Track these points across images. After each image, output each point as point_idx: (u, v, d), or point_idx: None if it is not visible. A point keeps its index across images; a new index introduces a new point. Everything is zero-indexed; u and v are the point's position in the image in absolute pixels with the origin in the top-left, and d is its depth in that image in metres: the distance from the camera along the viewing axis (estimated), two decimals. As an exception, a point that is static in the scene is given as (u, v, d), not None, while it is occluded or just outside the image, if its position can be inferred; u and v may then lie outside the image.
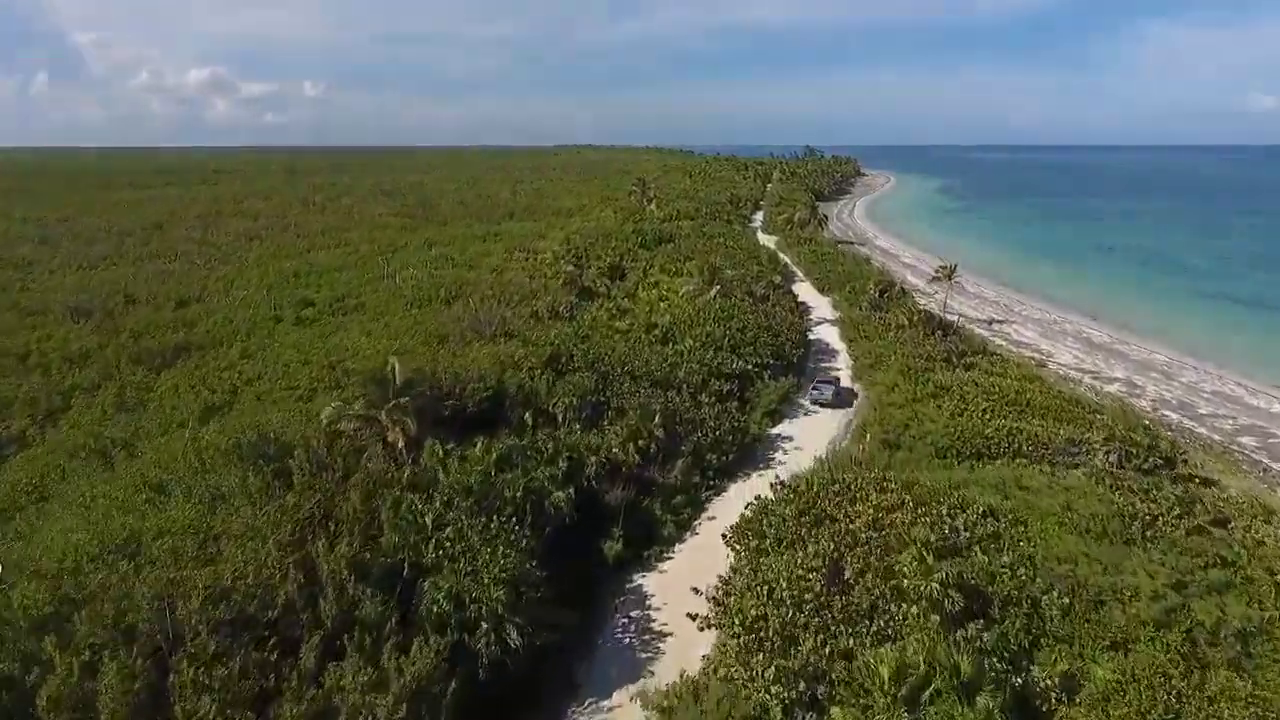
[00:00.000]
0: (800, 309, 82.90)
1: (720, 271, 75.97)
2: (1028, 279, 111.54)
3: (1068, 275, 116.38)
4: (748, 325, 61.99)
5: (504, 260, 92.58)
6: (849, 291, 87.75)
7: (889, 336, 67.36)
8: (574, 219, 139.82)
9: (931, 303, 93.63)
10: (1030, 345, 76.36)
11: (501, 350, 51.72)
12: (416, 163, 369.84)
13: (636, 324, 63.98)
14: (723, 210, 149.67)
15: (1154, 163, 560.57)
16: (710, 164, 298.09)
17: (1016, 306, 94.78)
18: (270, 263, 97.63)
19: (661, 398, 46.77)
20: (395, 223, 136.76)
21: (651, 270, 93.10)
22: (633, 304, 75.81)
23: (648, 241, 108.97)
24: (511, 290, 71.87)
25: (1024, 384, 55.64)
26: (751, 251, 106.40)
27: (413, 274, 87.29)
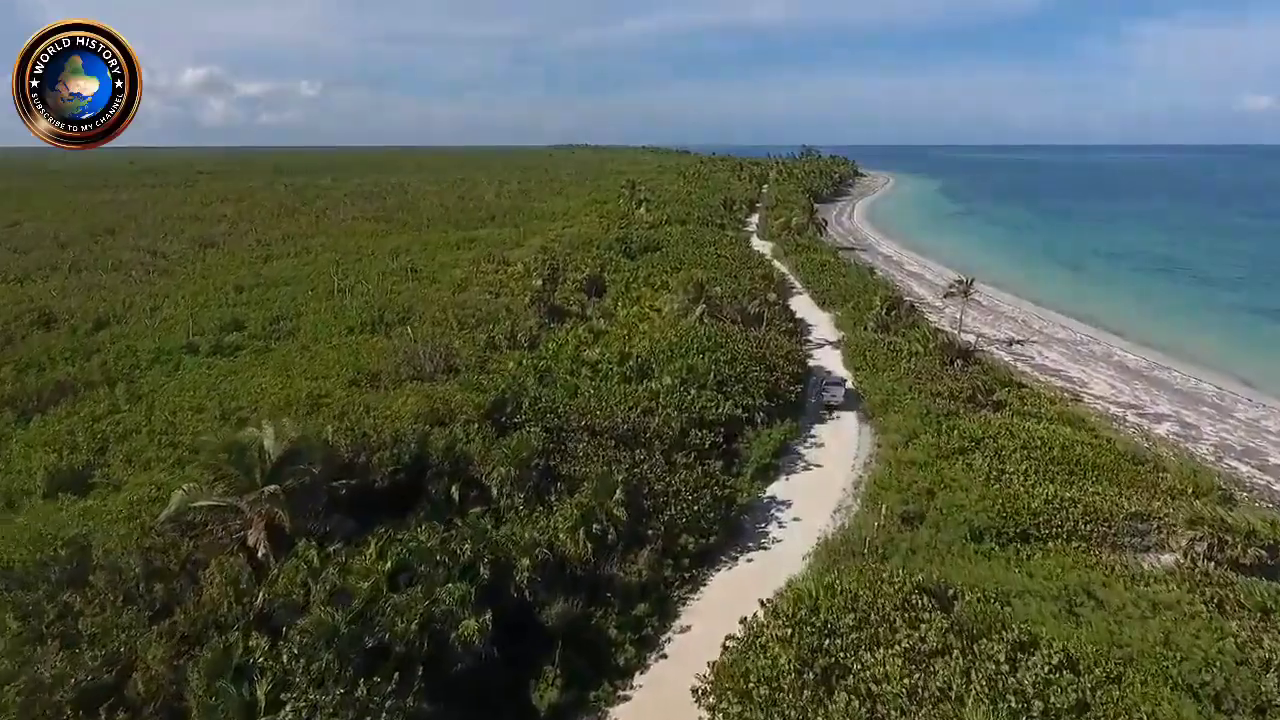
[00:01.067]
0: (798, 329, 73.27)
1: (707, 288, 66.27)
2: (1041, 289, 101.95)
3: (1083, 285, 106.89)
4: (737, 356, 52.28)
5: (470, 272, 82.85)
6: (852, 308, 78.09)
7: (901, 366, 57.73)
8: (556, 224, 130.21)
9: (943, 319, 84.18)
10: (1059, 372, 66.72)
11: (437, 394, 42.11)
12: (408, 163, 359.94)
13: (608, 354, 54.28)
14: (715, 214, 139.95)
15: (1154, 163, 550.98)
16: (705, 165, 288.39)
17: (1035, 322, 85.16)
18: (217, 274, 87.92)
19: (628, 459, 37.17)
20: (367, 228, 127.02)
21: (634, 283, 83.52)
22: (609, 325, 66.23)
23: (633, 250, 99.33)
24: (469, 311, 62.14)
25: (1068, 431, 45.97)
26: (745, 261, 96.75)
27: (368, 289, 77.69)
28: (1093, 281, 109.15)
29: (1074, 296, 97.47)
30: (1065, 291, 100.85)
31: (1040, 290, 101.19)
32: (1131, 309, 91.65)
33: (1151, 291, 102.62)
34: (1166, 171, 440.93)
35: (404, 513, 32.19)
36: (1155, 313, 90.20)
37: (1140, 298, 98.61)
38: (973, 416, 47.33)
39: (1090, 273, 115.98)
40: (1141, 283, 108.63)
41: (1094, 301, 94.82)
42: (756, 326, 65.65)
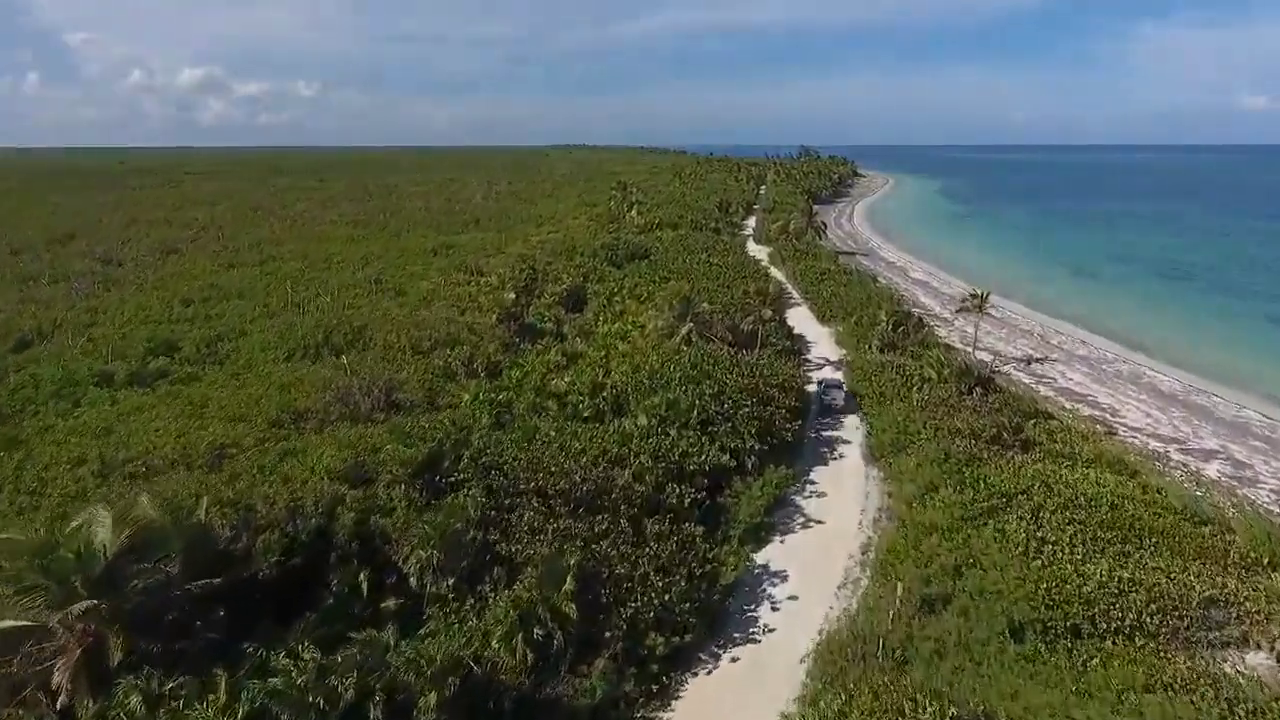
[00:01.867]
0: (796, 347, 66.13)
1: (694, 304, 59.09)
2: (1055, 299, 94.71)
3: (1098, 294, 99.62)
4: (726, 387, 45.02)
5: (440, 284, 75.69)
6: (855, 323, 70.93)
7: (912, 396, 50.56)
8: (542, 228, 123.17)
9: (953, 333, 77.08)
10: (1086, 397, 59.53)
11: (364, 442, 35.06)
12: (403, 163, 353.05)
13: (579, 383, 47.12)
14: (710, 218, 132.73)
15: (1154, 163, 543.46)
16: (702, 165, 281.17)
17: (1052, 336, 77.95)
18: (170, 285, 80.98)
19: (586, 530, 30.09)
20: (343, 233, 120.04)
21: (619, 295, 76.45)
22: (587, 345, 59.16)
23: (619, 257, 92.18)
24: (427, 332, 54.98)
25: (1113, 482, 38.77)
26: (739, 269, 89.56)
27: (326, 302, 70.62)
28: (1109, 290, 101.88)
29: (1090, 307, 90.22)
30: (1080, 301, 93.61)
31: (1054, 300, 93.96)
32: (1155, 321, 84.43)
33: (1173, 301, 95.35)
34: (1168, 171, 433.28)
35: (297, 612, 25.17)
36: (1181, 326, 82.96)
37: (1162, 309, 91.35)
38: (1000, 462, 40.14)
39: (1105, 280, 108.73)
40: (1161, 291, 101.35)
41: (1113, 313, 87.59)
42: (750, 348, 58.54)
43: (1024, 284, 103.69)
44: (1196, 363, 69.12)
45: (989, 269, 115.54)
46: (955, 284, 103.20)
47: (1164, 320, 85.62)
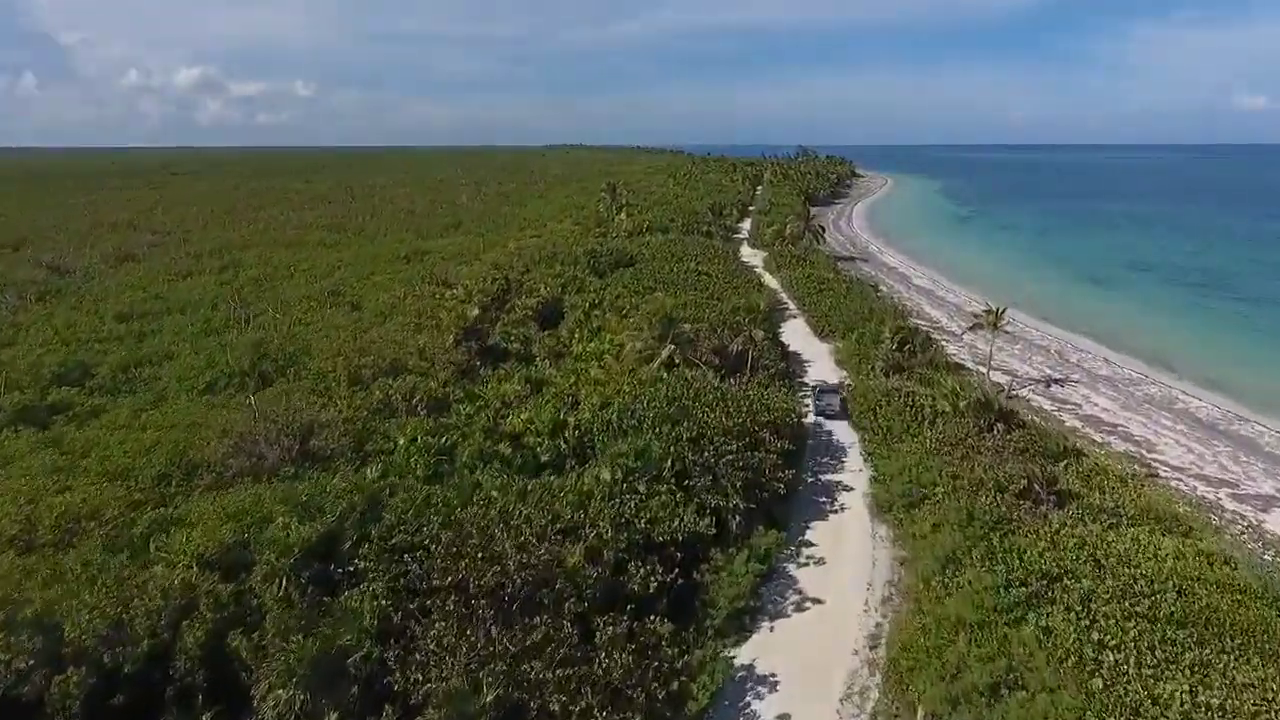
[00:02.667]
0: (791, 368, 59.19)
1: (677, 323, 52.04)
2: (1068, 309, 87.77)
3: (1114, 304, 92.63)
4: (708, 428, 37.95)
5: (403, 296, 68.59)
6: (857, 340, 63.96)
7: (924, 433, 43.61)
8: (526, 232, 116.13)
9: (963, 349, 70.17)
10: (1117, 428, 52.57)
11: (257, 507, 28.08)
12: (395, 164, 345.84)
13: (539, 420, 40.07)
14: (702, 221, 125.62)
15: (1154, 162, 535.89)
16: (698, 165, 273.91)
17: (1071, 354, 70.94)
18: (111, 297, 73.92)
19: (515, 641, 23.11)
20: (316, 237, 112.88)
21: (599, 308, 69.48)
22: (556, 371, 52.21)
23: (602, 265, 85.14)
24: (371, 357, 47.86)
25: (1171, 547, 31.73)
26: (731, 278, 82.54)
27: (275, 318, 63.64)
28: (1124, 300, 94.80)
29: (1107, 319, 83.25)
30: (1095, 312, 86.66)
31: (1067, 311, 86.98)
32: (1178, 335, 77.45)
33: (1194, 312, 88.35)
34: (1170, 171, 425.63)
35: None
36: (1206, 340, 75.99)
37: (1183, 320, 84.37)
38: (1035, 524, 33.14)
39: (1118, 288, 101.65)
40: (1180, 300, 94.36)
41: (1132, 326, 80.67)
42: (739, 372, 51.60)
43: (1034, 292, 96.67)
44: (1231, 384, 62.20)
45: (995, 276, 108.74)
46: (961, 293, 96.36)
47: (1187, 334, 78.65)
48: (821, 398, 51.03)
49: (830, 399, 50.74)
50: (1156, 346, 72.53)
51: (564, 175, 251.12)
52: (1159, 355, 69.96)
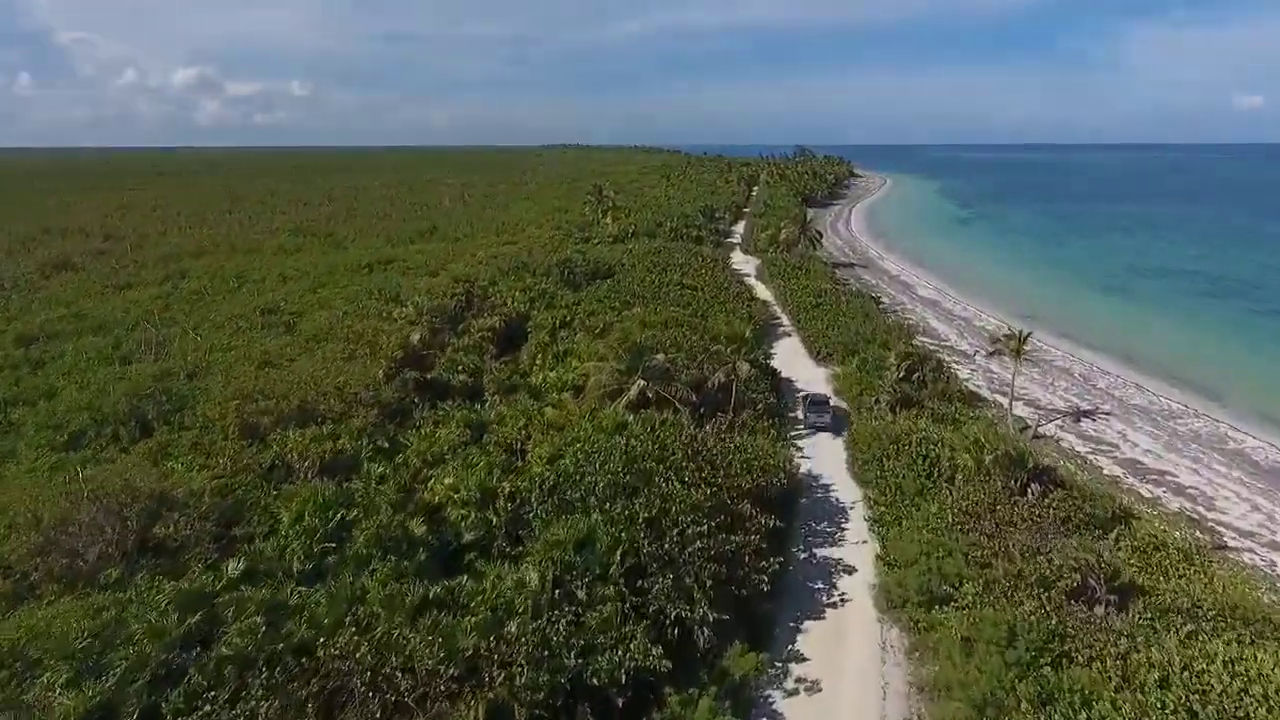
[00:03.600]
0: (785, 403, 50.95)
1: (647, 356, 43.69)
2: (1089, 324, 79.57)
3: (1137, 318, 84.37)
4: (672, 501, 29.65)
5: (345, 315, 60.26)
6: (858, 366, 55.69)
7: (944, 496, 35.38)
8: (503, 236, 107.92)
9: (976, 372, 62.01)
10: (1164, 475, 44.34)
11: (35, 639, 19.79)
12: (386, 164, 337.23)
13: (466, 486, 31.82)
14: (692, 224, 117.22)
15: (1153, 162, 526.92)
16: (693, 165, 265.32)
17: (1098, 378, 62.71)
18: (23, 315, 65.67)
19: None
20: (279, 243, 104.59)
21: (569, 327, 61.36)
22: (506, 409, 43.98)
23: (578, 276, 76.86)
24: (274, 400, 39.48)
25: (1270, 662, 23.57)
26: (718, 291, 74.27)
27: (193, 342, 55.39)
28: (1148, 313, 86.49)
29: (1133, 336, 75.04)
30: (1119, 328, 78.49)
31: (1088, 326, 78.76)
32: (1214, 355, 69.24)
33: (1227, 328, 79.86)
34: (1172, 171, 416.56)
35: None
36: (1247, 362, 67.64)
37: (1215, 337, 76.00)
38: (1095, 639, 24.93)
39: (1140, 300, 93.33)
40: (1209, 314, 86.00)
41: (1161, 344, 72.46)
42: (721, 412, 43.41)
43: (1048, 305, 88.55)
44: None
45: (1004, 284, 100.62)
46: (969, 305, 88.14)
47: (1224, 353, 70.40)
48: (812, 409, 47.66)
49: (821, 411, 47.46)
50: (1193, 370, 64.29)
51: (557, 176, 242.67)
52: (1197, 381, 61.72)
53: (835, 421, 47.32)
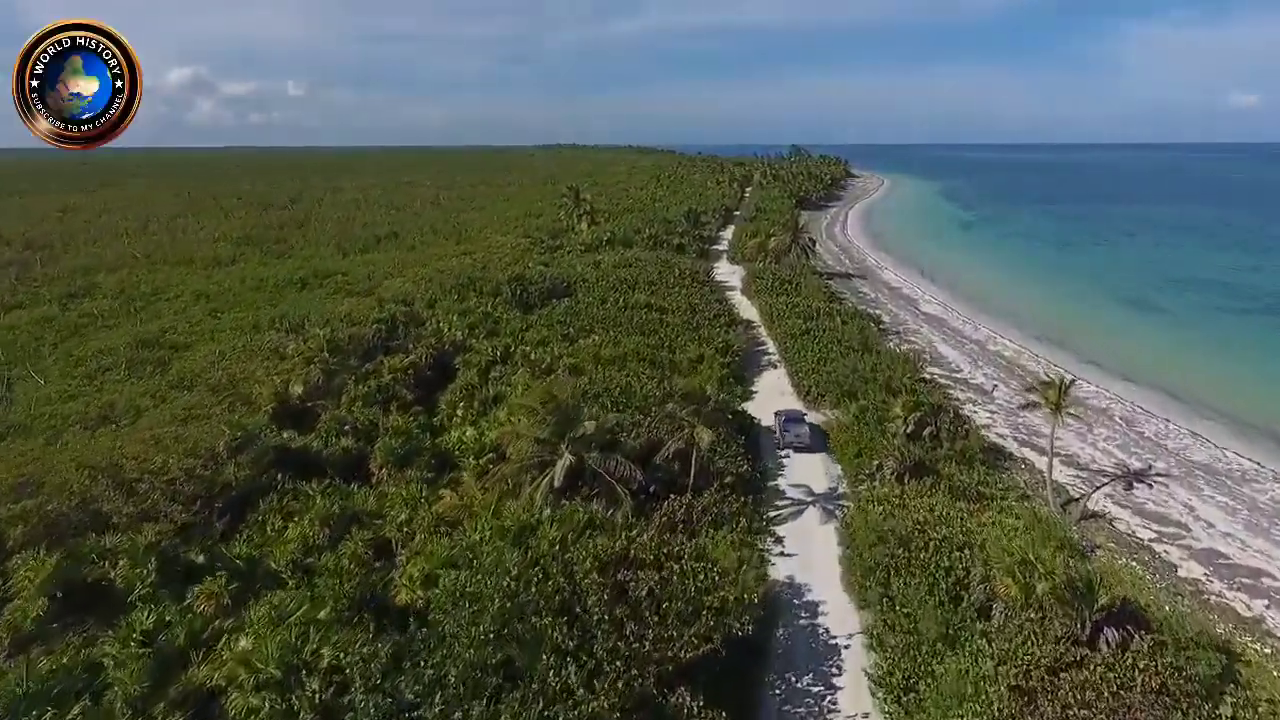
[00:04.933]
0: (765, 483, 39.96)
1: (578, 423, 32.49)
2: (1124, 350, 68.28)
3: (1174, 340, 73.02)
4: (565, 698, 18.68)
5: (233, 350, 49.24)
6: (856, 417, 44.50)
7: (980, 649, 24.34)
8: (464, 244, 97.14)
9: (997, 417, 51.15)
10: (1258, 576, 33.27)
11: None
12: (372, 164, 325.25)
13: (262, 656, 20.77)
14: (675, 230, 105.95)
15: (1153, 162, 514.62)
16: (684, 166, 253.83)
17: (1144, 423, 51.49)
18: None
19: None
20: (219, 252, 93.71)
21: (510, 361, 50.53)
22: (395, 488, 33.19)
23: (531, 294, 65.91)
24: (39, 499, 28.40)
25: None
26: (690, 315, 63.00)
27: (36, 388, 44.43)
28: (1181, 332, 75.30)
29: (1171, 365, 63.96)
30: (1152, 353, 67.37)
31: (1116, 351, 67.61)
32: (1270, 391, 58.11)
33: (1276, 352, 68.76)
34: (1174, 171, 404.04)
35: None
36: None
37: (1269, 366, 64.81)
38: None
39: (1174, 318, 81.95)
40: (1250, 335, 74.65)
41: (1205, 375, 61.27)
42: (674, 494, 32.51)
43: (1068, 322, 77.63)
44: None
45: (1017, 297, 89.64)
46: (980, 324, 77.03)
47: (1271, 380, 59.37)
48: (789, 429, 43.07)
49: (798, 430, 42.96)
50: (1251, 410, 53.29)
51: (544, 176, 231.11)
52: (1260, 425, 50.76)
53: (814, 439, 42.89)
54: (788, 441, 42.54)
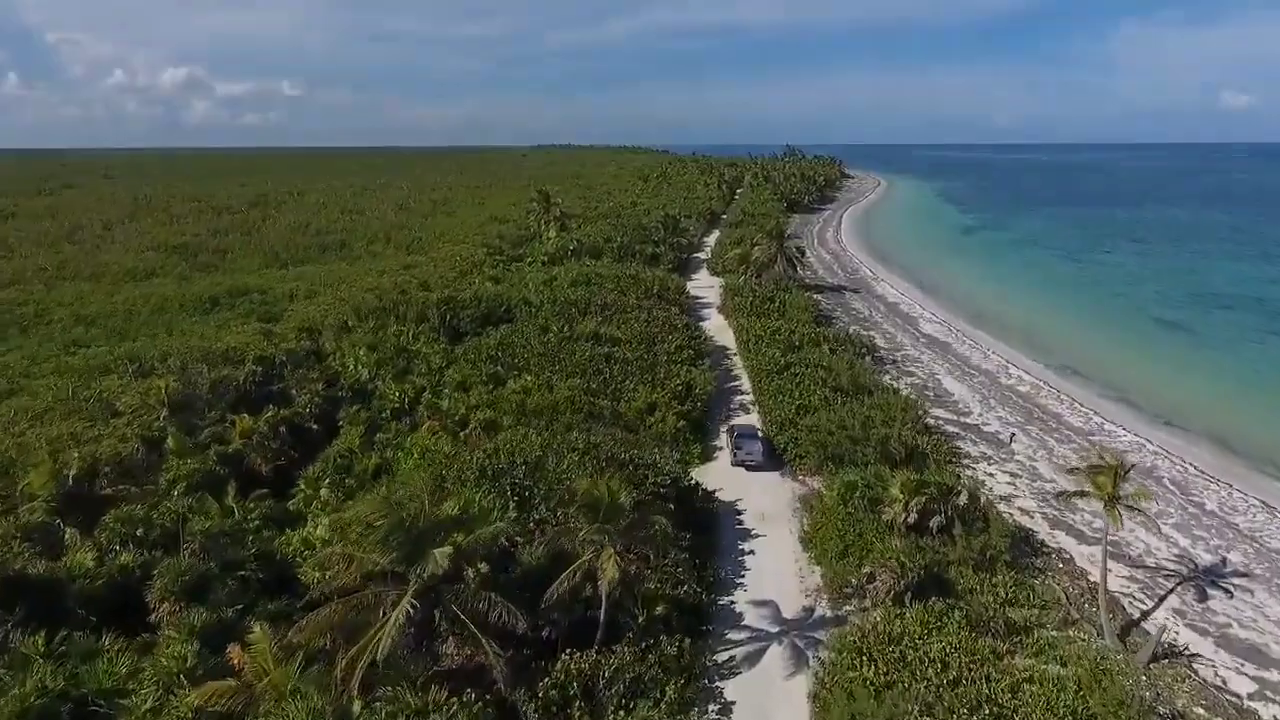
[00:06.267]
0: (713, 639, 29.53)
1: (427, 560, 21.87)
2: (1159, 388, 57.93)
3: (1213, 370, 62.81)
4: None
5: (57, 402, 38.70)
6: (841, 495, 33.83)
7: None
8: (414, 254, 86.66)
9: (1019, 488, 40.69)
10: None
11: None
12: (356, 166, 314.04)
13: None
14: (649, 238, 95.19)
15: (1151, 163, 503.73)
16: (674, 166, 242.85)
17: (1204, 491, 40.95)
18: None
19: None
20: (132, 267, 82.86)
21: (419, 410, 40.13)
22: (171, 631, 22.50)
23: (463, 320, 55.39)
24: None
25: None
26: (648, 350, 52.06)
27: None
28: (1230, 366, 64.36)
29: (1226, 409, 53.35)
30: (1202, 393, 56.72)
31: (1158, 389, 57.10)
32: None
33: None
34: (1175, 172, 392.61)
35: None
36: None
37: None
38: None
39: (1206, 342, 71.20)
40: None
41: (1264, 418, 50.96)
42: (572, 651, 22.03)
43: (1093, 349, 67.12)
44: None
45: (1029, 316, 79.12)
46: (990, 349, 66.43)
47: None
48: (741, 445, 40.00)
49: (750, 447, 39.77)
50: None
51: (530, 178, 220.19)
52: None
53: (769, 458, 39.49)
54: (739, 459, 39.15)
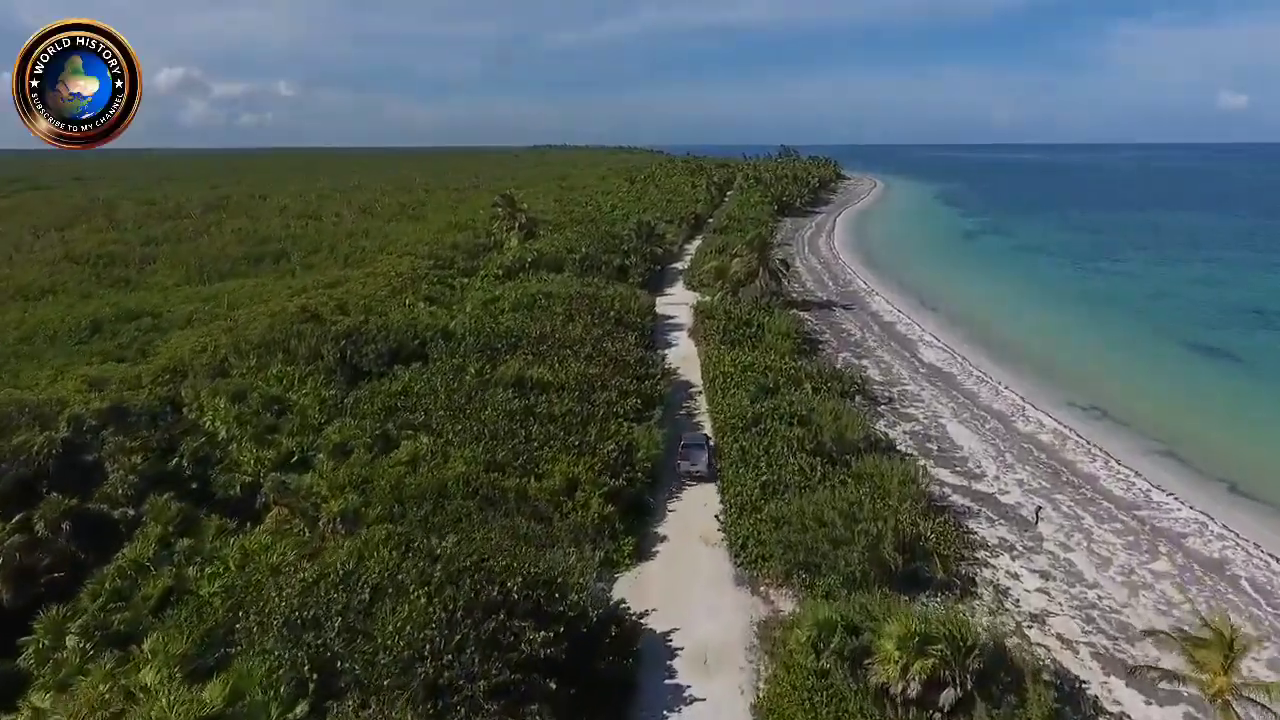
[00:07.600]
0: None
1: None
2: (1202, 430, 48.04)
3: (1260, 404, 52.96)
4: None
5: None
6: (813, 643, 23.62)
7: None
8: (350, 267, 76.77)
9: (1053, 595, 30.50)
10: None
11: None
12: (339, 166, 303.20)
13: None
14: (619, 249, 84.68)
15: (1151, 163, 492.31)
16: (662, 167, 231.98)
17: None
18: None
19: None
20: (27, 281, 72.90)
21: (248, 512, 29.81)
22: None
23: (366, 357, 45.17)
24: None
25: None
26: (585, 397, 41.57)
27: None
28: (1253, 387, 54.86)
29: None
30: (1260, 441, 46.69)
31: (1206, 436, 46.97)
32: None
33: None
34: (1176, 172, 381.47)
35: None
36: None
37: None
38: None
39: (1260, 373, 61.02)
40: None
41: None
42: None
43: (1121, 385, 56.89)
44: None
45: (1044, 339, 69.25)
46: (1001, 384, 56.13)
47: None
48: (688, 455, 36.89)
49: (696, 457, 36.80)
50: None
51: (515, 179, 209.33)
52: None
53: (711, 468, 36.69)
54: (684, 470, 36.86)
